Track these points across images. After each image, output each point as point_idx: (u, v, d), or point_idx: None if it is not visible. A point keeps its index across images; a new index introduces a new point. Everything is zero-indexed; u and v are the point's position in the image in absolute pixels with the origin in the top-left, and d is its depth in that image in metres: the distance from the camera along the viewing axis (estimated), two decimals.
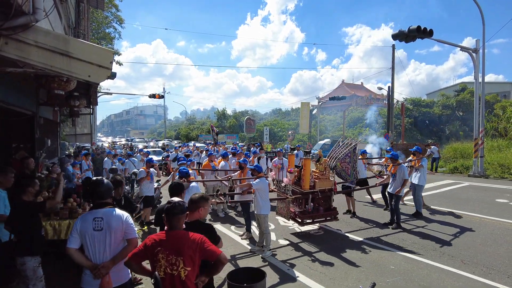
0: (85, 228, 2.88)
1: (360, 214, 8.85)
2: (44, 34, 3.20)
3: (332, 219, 7.37)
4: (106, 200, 3.02)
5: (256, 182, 5.99)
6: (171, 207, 2.67)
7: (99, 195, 3.00)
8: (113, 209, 2.99)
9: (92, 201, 3.03)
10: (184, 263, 2.55)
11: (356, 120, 46.96)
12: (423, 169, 8.62)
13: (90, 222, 2.89)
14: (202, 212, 3.13)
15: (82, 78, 3.36)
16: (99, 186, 3.02)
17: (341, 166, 7.50)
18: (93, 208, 3.00)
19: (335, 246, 6.51)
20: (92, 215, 2.93)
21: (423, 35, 12.93)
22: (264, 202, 6.06)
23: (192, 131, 54.18)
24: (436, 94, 38.88)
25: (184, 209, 2.71)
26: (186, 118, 72.95)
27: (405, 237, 6.97)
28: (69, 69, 3.28)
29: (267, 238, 6.08)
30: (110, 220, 2.90)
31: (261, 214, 6.09)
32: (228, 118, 50.14)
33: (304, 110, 35.07)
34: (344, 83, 76.10)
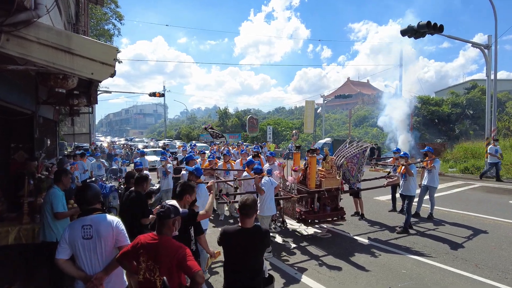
0: (74, 237, 2.80)
1: (368, 217, 8.81)
2: (46, 30, 3.20)
3: (339, 219, 7.34)
4: (94, 205, 2.93)
5: (263, 182, 5.99)
6: (160, 210, 2.65)
7: (86, 200, 2.90)
8: (103, 215, 2.89)
9: (80, 207, 2.95)
10: (160, 272, 2.50)
11: (363, 119, 46.83)
12: (435, 170, 8.57)
13: (79, 230, 2.80)
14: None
15: (85, 76, 3.36)
16: (85, 191, 2.93)
17: (347, 166, 7.47)
18: (81, 215, 2.91)
19: (343, 249, 6.48)
20: (80, 222, 2.84)
21: (433, 31, 12.86)
22: (270, 202, 6.06)
23: (193, 130, 54.23)
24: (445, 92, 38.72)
25: (173, 214, 2.64)
26: (187, 117, 73.07)
27: (416, 240, 6.93)
28: (72, 66, 3.27)
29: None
30: (99, 227, 2.80)
31: (265, 215, 6.09)
32: (230, 117, 50.15)
33: (308, 108, 35.00)
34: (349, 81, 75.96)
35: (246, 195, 3.15)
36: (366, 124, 45.24)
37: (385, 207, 9.82)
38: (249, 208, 3.02)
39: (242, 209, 3.02)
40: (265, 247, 3.11)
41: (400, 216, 8.80)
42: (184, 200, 3.62)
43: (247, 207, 3.02)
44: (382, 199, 10.81)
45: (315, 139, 32.60)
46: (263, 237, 3.06)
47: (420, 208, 8.86)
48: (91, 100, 7.02)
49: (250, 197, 3.10)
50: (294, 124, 46.49)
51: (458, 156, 19.87)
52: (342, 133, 40.93)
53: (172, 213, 2.66)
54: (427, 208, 8.87)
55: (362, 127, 44.28)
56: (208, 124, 20.25)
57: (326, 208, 7.19)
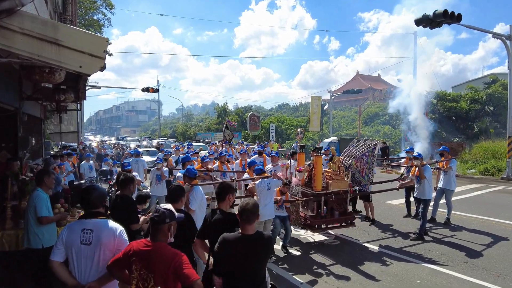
0: (71, 240, 2.80)
1: (380, 222, 8.80)
2: (31, 20, 3.20)
3: (348, 224, 7.34)
4: (98, 209, 2.93)
5: (257, 184, 6.07)
6: (154, 215, 2.64)
7: (90, 202, 2.90)
8: (106, 220, 2.89)
9: (83, 209, 2.98)
10: (155, 282, 2.49)
11: (373, 116, 46.77)
12: (452, 172, 8.55)
13: (78, 233, 2.80)
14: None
15: (72, 69, 3.36)
16: (90, 192, 2.94)
17: (356, 166, 7.46)
18: (83, 217, 2.92)
19: (352, 257, 6.48)
20: (80, 225, 2.84)
21: (450, 20, 12.82)
22: (268, 205, 6.09)
23: (190, 128, 54.32)
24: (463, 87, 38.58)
25: (168, 219, 2.63)
26: (183, 115, 73.13)
27: (432, 248, 6.92)
28: (59, 58, 3.27)
29: None
30: (101, 234, 2.80)
31: (267, 219, 6.10)
32: (230, 114, 50.15)
33: (314, 105, 34.94)
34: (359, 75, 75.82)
35: (246, 199, 3.11)
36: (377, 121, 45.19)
37: (398, 212, 9.81)
38: (250, 213, 2.97)
39: (242, 214, 2.99)
40: (268, 255, 3.11)
41: (414, 221, 8.78)
42: (227, 200, 3.62)
43: (247, 212, 2.97)
44: (394, 203, 10.79)
45: (321, 138, 32.58)
46: (266, 245, 3.04)
47: (436, 213, 8.84)
48: (79, 95, 7.03)
49: (251, 201, 3.05)
50: (299, 121, 46.49)
51: (478, 156, 19.82)
52: (351, 132, 40.94)
53: (167, 218, 2.63)
54: (444, 213, 8.85)
55: (372, 125, 44.23)
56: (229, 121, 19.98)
57: (334, 213, 7.18)
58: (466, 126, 30.89)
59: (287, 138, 41.75)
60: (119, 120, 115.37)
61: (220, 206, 3.59)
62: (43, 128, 11.64)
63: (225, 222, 3.41)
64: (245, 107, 66.21)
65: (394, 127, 39.32)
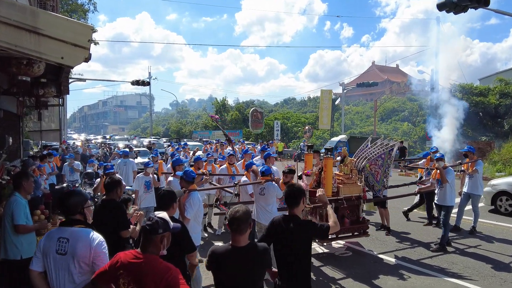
0: (48, 248, 2.86)
1: (397, 231, 8.80)
2: (7, 5, 3.22)
3: (361, 234, 7.34)
4: (75, 216, 2.98)
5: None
6: (146, 223, 2.63)
7: (67, 209, 2.96)
8: (85, 230, 2.93)
9: (64, 216, 3.03)
10: None
11: (391, 112, 46.62)
12: (478, 175, 8.53)
13: (54, 241, 2.86)
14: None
15: (53, 61, 3.38)
16: (68, 198, 2.99)
17: (370, 169, 7.47)
18: (63, 224, 2.97)
19: (366, 270, 6.49)
20: (58, 233, 2.90)
21: (477, 5, 12.76)
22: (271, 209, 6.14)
23: (185, 126, 54.45)
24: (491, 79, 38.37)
25: (161, 229, 2.62)
26: (177, 110, 73.35)
27: (455, 260, 6.93)
28: (38, 49, 3.28)
29: None
30: (76, 244, 2.84)
31: (262, 223, 6.13)
32: (230, 110, 50.27)
33: (324, 99, 34.99)
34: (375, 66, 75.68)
35: (236, 206, 3.03)
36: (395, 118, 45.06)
37: (417, 219, 9.80)
38: (240, 222, 2.91)
39: (232, 224, 2.92)
40: (264, 269, 3.05)
41: (435, 230, 8.78)
42: (299, 206, 3.49)
43: (237, 221, 2.90)
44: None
45: (332, 136, 32.56)
46: (261, 257, 2.97)
47: (461, 221, 8.83)
48: (62, 89, 7.08)
49: (242, 208, 2.98)
50: (307, 118, 46.50)
51: (508, 157, 19.75)
52: (365, 129, 40.83)
53: (161, 228, 2.62)
54: (469, 220, 8.83)
55: (390, 122, 44.10)
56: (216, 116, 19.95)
57: (345, 221, 7.19)
58: (495, 123, 30.75)
59: (293, 137, 41.79)
60: (106, 116, 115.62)
61: (295, 212, 3.49)
62: (21, 126, 11.71)
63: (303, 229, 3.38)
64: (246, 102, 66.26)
65: (414, 124, 39.22)
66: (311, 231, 3.42)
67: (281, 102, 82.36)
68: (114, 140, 45.31)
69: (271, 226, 3.52)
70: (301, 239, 3.33)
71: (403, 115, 44.11)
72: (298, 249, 3.33)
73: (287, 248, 3.35)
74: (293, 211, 3.45)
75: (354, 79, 62.17)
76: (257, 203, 6.22)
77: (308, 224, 3.53)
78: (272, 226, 3.51)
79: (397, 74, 71.31)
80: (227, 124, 46.54)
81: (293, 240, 3.30)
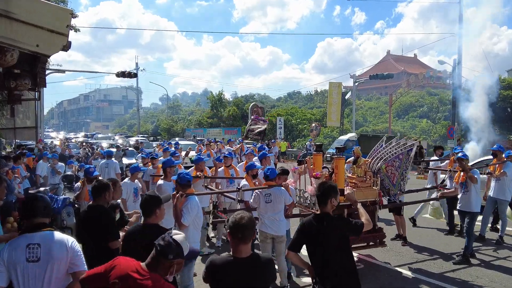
0: (15, 259, 2.89)
1: (415, 241, 8.79)
2: None
3: (377, 244, 7.32)
4: (42, 219, 3.04)
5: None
6: (159, 243, 2.56)
7: (33, 213, 3.02)
8: (53, 232, 3.01)
9: (26, 221, 3.08)
10: None
11: (408, 108, 46.68)
12: (507, 178, 8.49)
13: (23, 250, 2.90)
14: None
15: (28, 49, 3.38)
16: (34, 201, 3.07)
17: (386, 171, 7.45)
18: (25, 230, 3.02)
19: (380, 285, 6.48)
20: (24, 240, 2.94)
21: None
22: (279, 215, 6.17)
23: (176, 123, 54.50)
24: None
25: (171, 255, 2.53)
26: (168, 106, 73.44)
27: (480, 273, 6.92)
28: (10, 35, 3.28)
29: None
30: (51, 247, 2.91)
31: (283, 234, 6.14)
32: (227, 105, 50.30)
33: (333, 93, 34.97)
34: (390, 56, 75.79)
35: (239, 212, 3.01)
36: (413, 114, 45.10)
37: (438, 228, 9.79)
38: (245, 229, 2.88)
39: (235, 232, 2.89)
40: (268, 283, 3.05)
41: (458, 240, 8.77)
42: (330, 204, 3.83)
43: (241, 228, 2.88)
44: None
45: (341, 134, 32.55)
46: (264, 270, 2.97)
47: (486, 230, 8.82)
48: (37, 82, 7.06)
49: (246, 214, 2.97)
50: (314, 114, 46.48)
51: None
52: (379, 127, 40.84)
53: (171, 254, 2.53)
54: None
55: (407, 119, 44.14)
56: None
57: None
58: None
59: (298, 135, 41.78)
60: (88, 112, 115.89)
61: (327, 210, 3.81)
62: None
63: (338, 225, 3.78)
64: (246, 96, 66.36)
65: (434, 121, 39.24)
66: (345, 227, 3.81)
67: (284, 97, 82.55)
68: (97, 139, 45.40)
69: (302, 227, 3.85)
70: (336, 236, 3.69)
71: (422, 111, 44.15)
72: (334, 247, 3.67)
73: (322, 247, 3.69)
74: (325, 209, 3.80)
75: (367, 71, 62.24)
76: (262, 212, 6.14)
77: (342, 220, 3.95)
78: (304, 227, 3.84)
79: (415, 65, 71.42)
80: (224, 121, 46.57)
81: (328, 238, 3.65)
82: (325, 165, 8.08)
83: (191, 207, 4.91)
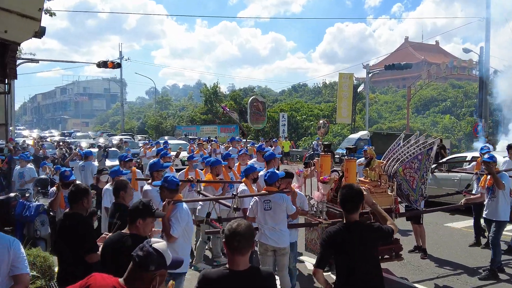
0: None
1: (435, 253, 8.80)
2: None
3: (393, 257, 7.31)
4: None
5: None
6: (137, 253, 2.50)
7: None
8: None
9: None
10: None
11: (429, 102, 46.68)
12: None
13: None
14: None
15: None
16: None
17: (404, 174, 7.43)
18: None
19: None
20: None
21: None
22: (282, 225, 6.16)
23: (166, 120, 54.52)
24: None
25: (153, 266, 2.47)
26: (156, 100, 73.41)
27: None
28: None
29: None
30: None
31: (285, 246, 6.14)
32: (223, 100, 50.30)
33: (344, 86, 35.00)
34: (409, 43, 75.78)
35: (236, 220, 3.04)
36: (434, 109, 45.11)
37: (461, 239, 9.79)
38: (241, 237, 2.89)
39: (231, 240, 2.91)
40: None
41: (485, 252, 8.76)
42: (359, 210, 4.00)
43: (238, 237, 2.89)
44: (457, 226, 10.79)
45: (353, 132, 32.57)
46: (265, 284, 3.00)
47: None
48: (7, 73, 7.07)
49: (244, 222, 3.00)
50: (322, 110, 46.53)
51: None
52: (396, 124, 40.86)
53: (153, 264, 2.47)
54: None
55: (427, 115, 44.15)
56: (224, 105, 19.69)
57: None
58: None
59: (304, 134, 41.83)
60: (66, 107, 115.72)
61: (355, 218, 3.92)
62: None
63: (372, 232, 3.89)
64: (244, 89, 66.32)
65: (458, 117, 39.23)
66: (377, 235, 3.92)
67: (288, 90, 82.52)
68: (75, 138, 45.35)
69: (329, 237, 3.91)
70: (367, 245, 3.81)
71: (444, 105, 44.17)
72: (364, 256, 3.79)
73: (348, 256, 3.81)
74: (352, 217, 3.88)
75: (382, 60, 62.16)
76: (262, 222, 6.10)
77: (373, 227, 4.00)
78: (330, 238, 3.89)
79: (437, 54, 71.46)
80: (219, 118, 46.56)
81: (358, 247, 3.75)
82: (335, 168, 8.07)
83: (181, 216, 4.85)
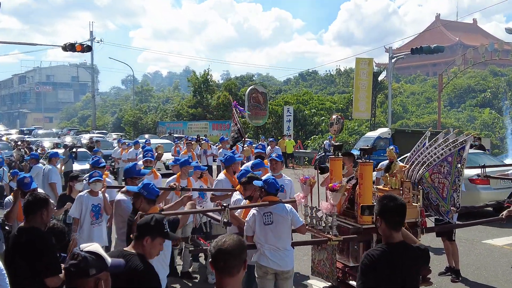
0: None
1: (471, 276, 8.82)
2: None
3: (419, 282, 7.33)
4: None
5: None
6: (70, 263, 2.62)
7: None
8: None
9: None
10: None
11: (464, 93, 46.66)
12: None
13: None
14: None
15: None
16: None
17: (431, 180, 7.43)
18: None
19: None
20: None
21: None
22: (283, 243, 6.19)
23: (146, 114, 54.44)
24: None
25: (93, 269, 2.61)
26: (135, 91, 73.33)
27: None
28: None
29: None
30: None
31: (289, 269, 6.18)
32: (215, 90, 50.25)
33: (362, 73, 34.86)
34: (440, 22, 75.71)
35: (224, 235, 3.07)
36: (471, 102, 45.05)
37: (503, 258, 9.81)
38: (229, 256, 2.92)
39: (216, 260, 2.94)
40: None
41: None
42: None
43: (224, 255, 2.92)
44: (498, 243, 10.80)
45: (373, 129, 32.53)
46: None
47: None
48: None
49: (231, 237, 3.01)
50: (335, 102, 46.47)
51: None
52: (425, 119, 40.82)
53: (92, 267, 2.61)
54: None
55: (463, 108, 44.10)
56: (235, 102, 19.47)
57: None
58: None
59: (313, 131, 41.70)
60: (25, 99, 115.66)
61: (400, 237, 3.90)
62: None
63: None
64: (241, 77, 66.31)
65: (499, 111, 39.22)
66: (423, 257, 3.95)
67: (295, 78, 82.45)
68: (37, 136, 45.30)
69: (373, 262, 3.80)
70: (414, 270, 3.89)
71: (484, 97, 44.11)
72: (411, 282, 3.87)
73: (391, 282, 3.74)
74: (398, 235, 3.85)
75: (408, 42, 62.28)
76: (261, 239, 6.13)
77: (420, 248, 3.97)
78: (372, 261, 3.79)
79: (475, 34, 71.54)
80: (211, 112, 46.47)
81: (406, 273, 3.78)
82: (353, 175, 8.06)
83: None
